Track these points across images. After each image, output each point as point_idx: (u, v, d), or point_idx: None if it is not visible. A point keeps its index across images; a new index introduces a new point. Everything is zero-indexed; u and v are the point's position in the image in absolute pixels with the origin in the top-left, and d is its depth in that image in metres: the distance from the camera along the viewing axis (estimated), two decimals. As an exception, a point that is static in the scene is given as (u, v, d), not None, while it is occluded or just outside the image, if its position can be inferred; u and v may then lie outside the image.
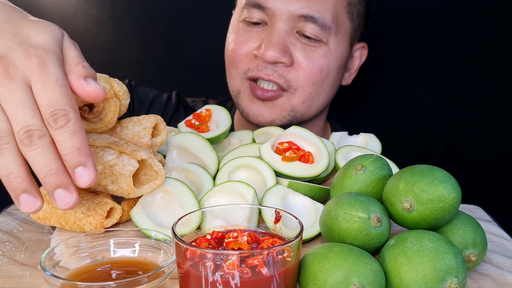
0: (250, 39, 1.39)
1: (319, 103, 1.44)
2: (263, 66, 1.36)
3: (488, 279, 0.80)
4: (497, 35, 1.76)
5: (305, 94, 1.39)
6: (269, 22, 1.37)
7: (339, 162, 1.03)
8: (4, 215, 1.06)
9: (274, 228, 0.76)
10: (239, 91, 1.44)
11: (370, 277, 0.66)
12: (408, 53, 1.79)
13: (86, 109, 0.90)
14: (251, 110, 1.42)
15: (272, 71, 1.36)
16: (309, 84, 1.38)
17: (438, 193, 0.72)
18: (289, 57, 1.34)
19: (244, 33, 1.40)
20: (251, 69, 1.39)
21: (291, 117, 1.42)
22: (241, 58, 1.40)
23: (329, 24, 1.35)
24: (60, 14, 1.79)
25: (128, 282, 0.68)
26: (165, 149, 1.08)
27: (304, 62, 1.36)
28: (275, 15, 1.35)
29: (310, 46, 1.36)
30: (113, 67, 1.84)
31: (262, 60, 1.36)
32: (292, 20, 1.34)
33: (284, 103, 1.40)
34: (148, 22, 1.83)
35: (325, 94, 1.44)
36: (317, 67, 1.37)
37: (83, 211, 0.86)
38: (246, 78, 1.41)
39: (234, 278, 0.62)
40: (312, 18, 1.33)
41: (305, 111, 1.43)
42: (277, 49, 1.32)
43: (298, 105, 1.40)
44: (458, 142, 1.84)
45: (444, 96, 1.81)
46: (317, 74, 1.37)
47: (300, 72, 1.36)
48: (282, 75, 1.36)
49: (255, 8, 1.37)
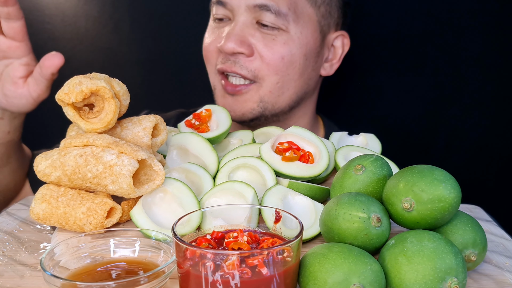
0: (217, 35, 1.43)
1: (290, 92, 1.44)
2: (225, 59, 1.40)
3: (488, 279, 0.80)
4: (497, 34, 1.76)
5: (271, 83, 1.40)
6: (231, 17, 1.41)
7: (339, 162, 1.03)
8: (4, 215, 1.06)
9: (274, 228, 0.76)
10: (214, 87, 1.49)
11: (370, 277, 0.66)
12: (408, 53, 1.79)
13: (86, 109, 0.90)
14: (224, 105, 1.45)
15: (234, 63, 1.38)
16: (272, 73, 1.39)
17: (438, 193, 0.72)
18: (248, 47, 1.36)
19: (213, 30, 1.46)
20: (218, 63, 1.43)
21: (261, 108, 1.43)
22: (212, 54, 1.45)
23: (284, 12, 1.37)
24: (61, 15, 1.79)
25: (128, 282, 0.68)
26: (165, 149, 1.08)
27: (263, 51, 1.37)
28: (233, 9, 1.39)
29: (270, 35, 1.38)
30: (113, 67, 1.84)
31: (224, 53, 1.39)
32: (250, 12, 1.37)
33: (253, 95, 1.42)
34: (148, 22, 1.83)
35: (294, 83, 1.43)
36: (277, 55, 1.38)
37: (83, 211, 0.86)
38: (217, 72, 1.45)
39: (234, 278, 0.62)
40: (266, 7, 1.35)
41: (275, 101, 1.43)
42: (233, 40, 1.35)
43: (266, 95, 1.41)
44: (458, 142, 1.84)
45: (444, 96, 1.81)
46: (279, 62, 1.38)
47: (262, 62, 1.38)
48: (244, 66, 1.38)
49: (218, 5, 1.42)
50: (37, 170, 0.89)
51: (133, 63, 1.85)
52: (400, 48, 1.79)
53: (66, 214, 0.86)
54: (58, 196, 0.88)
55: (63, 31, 1.80)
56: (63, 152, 0.88)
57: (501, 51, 1.77)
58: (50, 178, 0.89)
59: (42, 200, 0.89)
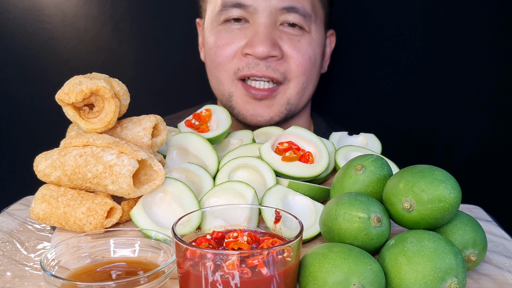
0: (233, 39, 1.38)
1: (309, 92, 1.46)
2: (254, 64, 1.36)
3: (488, 279, 0.80)
4: (497, 34, 1.76)
5: (299, 84, 1.40)
6: (250, 19, 1.37)
7: (339, 162, 1.03)
8: (4, 215, 1.06)
9: (274, 228, 0.76)
10: (231, 94, 1.42)
11: (370, 277, 0.66)
12: (408, 53, 1.79)
13: (86, 109, 0.90)
14: (248, 112, 1.41)
15: (265, 67, 1.35)
16: (301, 73, 1.39)
17: (438, 193, 0.72)
18: (279, 50, 1.35)
19: (226, 34, 1.39)
20: (242, 68, 1.37)
21: (287, 111, 1.42)
22: (228, 59, 1.39)
23: (309, 13, 1.37)
24: (61, 14, 1.79)
25: (128, 282, 0.68)
26: (165, 149, 1.08)
27: (293, 53, 1.37)
28: (257, 11, 1.35)
29: (296, 36, 1.38)
30: (113, 67, 1.84)
31: (252, 57, 1.35)
32: (274, 14, 1.35)
33: (280, 97, 1.40)
34: (148, 22, 1.83)
35: (313, 82, 1.46)
36: (306, 56, 1.38)
37: (83, 211, 0.86)
38: (237, 78, 1.39)
39: (234, 278, 0.62)
40: (293, 9, 1.35)
41: (298, 102, 1.43)
42: (267, 44, 1.32)
43: (293, 96, 1.41)
44: (458, 142, 1.84)
45: (444, 96, 1.81)
46: (307, 63, 1.39)
47: (291, 63, 1.37)
48: (276, 69, 1.36)
49: (235, 7, 1.36)
50: (37, 170, 0.89)
51: (133, 63, 1.85)
52: (400, 48, 1.79)
53: (66, 214, 0.86)
54: (58, 196, 0.88)
55: (63, 31, 1.80)
56: (63, 152, 0.88)
57: (501, 51, 1.76)
58: (50, 178, 0.89)
59: (42, 200, 0.89)
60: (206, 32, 1.46)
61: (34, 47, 1.79)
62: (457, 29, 1.76)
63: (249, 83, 1.39)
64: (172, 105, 1.87)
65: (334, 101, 1.86)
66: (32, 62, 1.80)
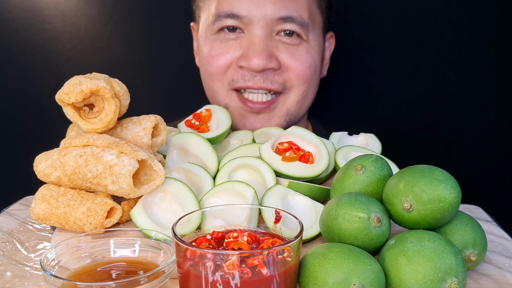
0: (228, 49, 1.33)
1: (309, 100, 1.42)
2: (250, 76, 1.31)
3: (488, 279, 0.80)
4: (498, 34, 1.76)
5: (299, 93, 1.36)
6: (245, 29, 1.32)
7: (339, 162, 1.03)
8: (4, 215, 1.06)
9: (274, 228, 0.76)
10: (227, 106, 1.37)
11: (370, 277, 0.66)
12: (409, 53, 1.79)
13: (86, 109, 0.90)
14: (244, 127, 1.37)
15: (262, 80, 1.31)
16: (301, 83, 1.35)
17: (438, 193, 0.72)
18: (276, 61, 1.30)
19: (221, 44, 1.34)
20: (236, 80, 1.33)
21: (287, 122, 1.38)
22: (222, 70, 1.34)
23: (307, 22, 1.33)
24: (61, 15, 1.79)
25: (128, 282, 0.68)
26: (165, 149, 1.08)
27: (291, 63, 1.32)
28: (252, 22, 1.30)
29: (293, 45, 1.33)
30: (113, 67, 1.84)
31: (248, 70, 1.31)
32: (270, 24, 1.30)
33: (280, 108, 1.36)
34: (148, 22, 1.83)
35: (313, 90, 1.42)
36: (306, 65, 1.34)
37: (83, 211, 0.86)
38: (231, 89, 1.35)
39: (234, 278, 0.62)
40: (290, 19, 1.30)
41: (298, 111, 1.40)
42: (262, 56, 1.27)
43: (293, 106, 1.37)
44: (458, 142, 1.84)
45: (443, 96, 1.81)
46: (307, 72, 1.35)
47: (291, 73, 1.33)
48: (274, 80, 1.32)
49: (229, 18, 1.32)
50: (37, 170, 0.89)
51: (133, 63, 1.85)
52: (400, 48, 1.79)
53: (66, 214, 0.86)
54: (58, 196, 0.88)
55: (63, 31, 1.80)
56: (63, 152, 0.88)
57: (501, 51, 1.77)
58: (50, 178, 0.89)
59: (42, 200, 0.89)
60: (200, 40, 1.42)
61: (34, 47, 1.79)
62: (457, 29, 1.76)
63: (246, 95, 1.35)
64: (172, 105, 1.87)
65: (334, 101, 1.86)
66: (32, 62, 1.80)
